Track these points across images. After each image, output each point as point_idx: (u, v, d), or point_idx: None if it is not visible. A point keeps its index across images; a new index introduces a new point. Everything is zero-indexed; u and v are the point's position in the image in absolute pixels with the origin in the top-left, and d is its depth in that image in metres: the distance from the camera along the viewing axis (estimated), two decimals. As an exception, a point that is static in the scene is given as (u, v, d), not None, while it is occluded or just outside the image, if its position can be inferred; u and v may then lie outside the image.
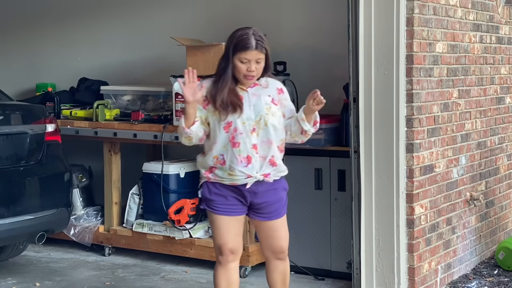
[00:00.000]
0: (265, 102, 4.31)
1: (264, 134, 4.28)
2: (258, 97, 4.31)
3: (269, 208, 4.38)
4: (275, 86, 4.40)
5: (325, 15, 6.50)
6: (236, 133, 4.24)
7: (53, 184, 6.00)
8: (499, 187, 6.54)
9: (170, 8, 7.31)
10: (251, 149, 4.25)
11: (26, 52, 8.17)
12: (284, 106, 4.38)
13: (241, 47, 4.22)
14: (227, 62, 4.27)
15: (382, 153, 5.18)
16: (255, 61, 4.24)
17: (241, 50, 4.22)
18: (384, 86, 5.16)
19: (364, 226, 5.26)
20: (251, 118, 4.27)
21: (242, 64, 4.23)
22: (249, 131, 4.25)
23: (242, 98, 4.28)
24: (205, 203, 4.40)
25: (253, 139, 4.26)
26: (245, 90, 4.32)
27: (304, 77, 6.53)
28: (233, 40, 4.26)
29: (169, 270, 6.31)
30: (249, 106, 4.28)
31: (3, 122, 5.70)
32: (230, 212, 4.35)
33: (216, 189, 4.33)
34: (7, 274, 6.19)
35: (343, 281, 5.81)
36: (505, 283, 5.73)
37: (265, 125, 4.27)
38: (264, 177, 4.29)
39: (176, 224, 6.24)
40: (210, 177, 4.33)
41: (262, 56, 4.25)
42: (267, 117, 4.28)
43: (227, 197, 4.33)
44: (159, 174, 6.43)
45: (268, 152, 4.29)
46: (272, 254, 4.49)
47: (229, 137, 4.25)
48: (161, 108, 6.78)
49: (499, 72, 6.46)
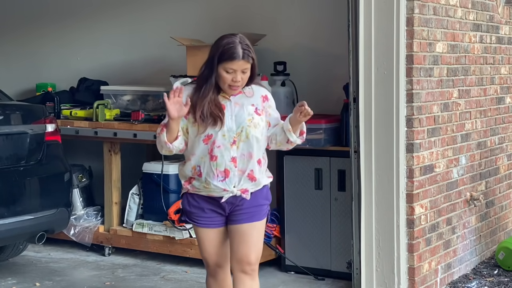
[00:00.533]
0: (248, 112, 4.09)
1: (245, 147, 4.06)
2: (241, 106, 4.09)
3: (242, 211, 4.12)
4: (260, 94, 4.16)
5: (325, 15, 6.50)
6: (214, 146, 4.03)
7: (53, 184, 6.00)
8: (499, 187, 6.54)
9: (170, 8, 7.31)
10: (229, 162, 4.04)
11: (26, 52, 8.17)
12: (269, 115, 4.17)
13: (227, 56, 3.98)
14: (211, 71, 4.03)
15: (382, 153, 5.18)
16: (241, 71, 4.01)
17: (227, 60, 3.97)
18: (384, 86, 5.16)
19: (364, 226, 5.25)
20: (232, 130, 4.05)
21: (227, 74, 4.00)
22: (229, 143, 4.03)
23: (224, 107, 4.06)
24: (186, 215, 4.22)
25: (233, 152, 4.04)
26: (228, 98, 4.09)
27: (304, 77, 6.53)
28: (219, 48, 4.01)
29: (169, 270, 6.31)
30: (231, 116, 4.06)
31: (3, 122, 5.70)
32: (209, 224, 4.16)
33: (195, 201, 4.15)
34: (7, 274, 6.19)
35: (343, 281, 5.81)
36: (505, 283, 5.73)
37: (246, 137, 4.05)
38: (241, 193, 4.07)
39: (176, 224, 6.24)
40: (188, 188, 4.15)
41: (248, 66, 4.02)
42: (249, 129, 4.05)
43: (204, 209, 4.14)
44: (159, 174, 6.43)
45: (247, 165, 4.07)
46: (237, 264, 4.12)
47: (208, 149, 4.04)
48: (161, 108, 6.78)
49: (499, 72, 6.46)
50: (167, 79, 6.54)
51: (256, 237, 4.14)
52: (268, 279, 5.96)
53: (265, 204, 4.19)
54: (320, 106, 6.40)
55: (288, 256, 6.09)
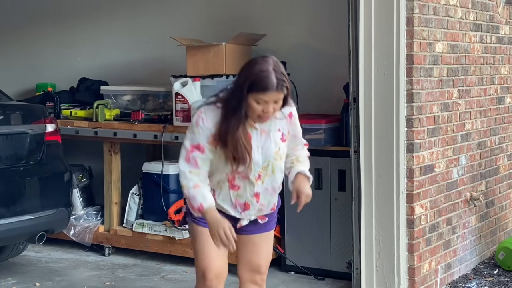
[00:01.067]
0: (275, 142, 3.76)
1: (270, 181, 3.78)
2: (267, 134, 3.75)
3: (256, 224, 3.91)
4: (286, 113, 3.82)
5: (325, 15, 6.50)
6: (239, 176, 3.72)
7: (53, 184, 6.00)
8: (499, 187, 6.53)
9: (170, 8, 7.31)
10: (251, 197, 3.77)
11: (26, 52, 8.17)
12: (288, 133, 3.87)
13: (260, 87, 3.57)
14: (240, 101, 3.60)
15: (382, 153, 5.18)
16: (273, 102, 3.63)
17: (259, 91, 3.57)
18: (384, 86, 5.16)
19: (364, 226, 5.25)
20: (258, 164, 3.72)
21: (258, 105, 3.60)
22: (254, 178, 3.73)
23: (251, 137, 3.70)
24: (190, 216, 3.86)
25: (257, 188, 3.75)
26: (254, 126, 3.73)
27: (304, 77, 6.53)
28: (250, 76, 3.60)
29: (169, 270, 6.31)
30: (257, 148, 3.72)
31: (3, 122, 5.70)
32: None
33: None
34: (7, 274, 6.19)
35: (343, 281, 5.81)
36: (505, 283, 5.73)
37: (272, 172, 3.77)
38: (259, 219, 3.87)
39: (176, 224, 6.24)
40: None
41: (281, 96, 3.64)
42: (275, 163, 3.77)
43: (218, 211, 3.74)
44: (159, 174, 6.43)
45: (270, 200, 3.83)
46: (248, 273, 3.94)
47: (229, 177, 3.74)
48: (161, 108, 6.78)
49: (499, 72, 6.46)
50: (167, 79, 6.54)
51: (267, 247, 3.98)
52: (268, 279, 5.89)
53: (274, 213, 3.99)
54: (320, 106, 6.42)
55: (288, 256, 6.09)
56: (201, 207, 3.65)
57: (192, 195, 3.67)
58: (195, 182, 3.68)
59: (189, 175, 3.69)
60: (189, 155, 3.69)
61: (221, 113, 3.67)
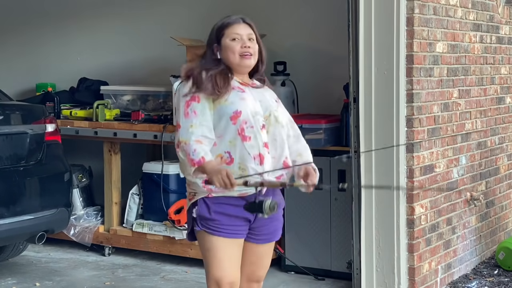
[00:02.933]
0: (272, 98, 3.75)
1: (276, 131, 3.66)
2: (261, 93, 3.73)
3: (269, 228, 3.79)
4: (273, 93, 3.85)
5: (325, 15, 6.50)
6: (247, 126, 3.58)
7: (53, 184, 6.00)
8: (499, 187, 6.53)
9: (170, 8, 7.31)
10: (262, 147, 3.60)
11: (26, 52, 8.17)
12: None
13: (227, 23, 3.69)
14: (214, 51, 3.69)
15: (382, 153, 5.18)
16: (247, 37, 3.67)
17: (227, 27, 3.68)
18: (384, 86, 5.16)
19: (364, 226, 5.25)
20: (260, 113, 3.64)
21: (234, 42, 3.66)
22: (259, 126, 3.61)
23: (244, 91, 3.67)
24: (201, 223, 3.65)
25: (264, 137, 3.61)
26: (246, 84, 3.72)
27: (304, 77, 6.53)
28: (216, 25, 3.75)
29: (169, 270, 6.31)
30: (255, 100, 3.66)
31: (3, 122, 5.70)
32: (233, 234, 3.65)
33: (217, 207, 3.63)
34: (7, 274, 6.19)
35: (343, 281, 5.80)
36: (505, 283, 5.73)
37: (276, 121, 3.67)
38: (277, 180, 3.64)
39: (176, 224, 6.24)
40: (211, 188, 3.57)
41: (252, 33, 3.69)
42: (277, 113, 3.68)
43: (231, 216, 3.64)
44: (159, 174, 6.43)
45: (282, 152, 3.68)
46: (246, 282, 3.83)
47: (238, 129, 3.58)
48: (161, 108, 6.78)
49: (499, 72, 6.46)
50: (167, 79, 6.54)
51: (269, 257, 3.90)
52: (268, 279, 5.92)
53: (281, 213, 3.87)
54: (320, 106, 6.42)
55: (288, 256, 6.08)
56: (203, 159, 3.48)
57: (193, 149, 3.51)
58: (197, 136, 3.55)
59: (190, 129, 3.56)
60: (186, 111, 3.60)
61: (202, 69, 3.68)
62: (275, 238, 3.86)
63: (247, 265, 3.80)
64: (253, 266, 3.83)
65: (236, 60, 3.67)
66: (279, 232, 3.88)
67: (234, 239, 3.67)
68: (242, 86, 3.70)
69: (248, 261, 3.80)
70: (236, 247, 3.70)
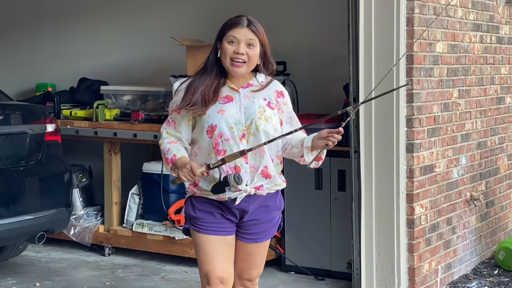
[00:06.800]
0: (259, 105, 3.69)
1: (255, 141, 3.63)
2: (251, 99, 3.70)
3: (257, 228, 3.78)
4: (274, 88, 3.78)
5: (325, 15, 6.50)
6: (222, 139, 3.62)
7: (53, 184, 6.00)
8: (499, 187, 6.53)
9: (170, 8, 7.31)
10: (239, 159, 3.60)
11: (26, 52, 8.18)
12: (282, 112, 3.78)
13: (229, 24, 3.68)
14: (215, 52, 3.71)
15: (382, 153, 5.18)
16: (246, 42, 3.65)
17: (229, 28, 3.67)
18: (384, 86, 5.15)
19: (364, 226, 5.25)
20: (241, 123, 3.65)
21: (230, 45, 3.65)
22: (238, 137, 3.63)
23: (232, 99, 3.69)
24: (189, 221, 3.80)
25: (242, 147, 3.60)
26: (236, 90, 3.71)
27: (304, 77, 6.53)
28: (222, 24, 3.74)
29: (169, 270, 6.31)
30: (239, 108, 3.67)
31: (3, 122, 5.70)
32: (218, 231, 3.71)
33: (201, 205, 3.73)
34: (7, 274, 6.19)
35: (343, 281, 5.81)
36: (505, 283, 5.73)
37: (256, 130, 3.64)
38: (255, 190, 3.67)
39: (176, 224, 6.25)
40: (195, 191, 3.73)
41: (254, 38, 3.65)
42: (259, 122, 3.65)
43: (213, 214, 3.72)
44: (159, 174, 6.43)
45: (260, 162, 3.66)
46: (238, 280, 3.85)
47: (213, 144, 3.64)
48: (161, 108, 6.78)
49: (499, 72, 6.46)
50: (167, 79, 6.54)
51: (261, 256, 3.87)
52: (268, 279, 5.95)
53: (277, 215, 3.85)
54: (320, 106, 6.42)
55: (288, 256, 6.09)
56: (174, 157, 3.68)
57: (166, 149, 3.72)
58: (170, 139, 3.76)
59: (165, 135, 3.78)
60: (168, 118, 3.81)
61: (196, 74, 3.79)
62: (263, 239, 3.84)
63: (237, 262, 3.83)
64: (243, 263, 3.84)
65: (226, 64, 3.70)
66: (269, 234, 3.86)
67: (220, 236, 3.73)
68: (231, 92, 3.73)
69: (238, 258, 3.83)
70: (224, 244, 3.75)
